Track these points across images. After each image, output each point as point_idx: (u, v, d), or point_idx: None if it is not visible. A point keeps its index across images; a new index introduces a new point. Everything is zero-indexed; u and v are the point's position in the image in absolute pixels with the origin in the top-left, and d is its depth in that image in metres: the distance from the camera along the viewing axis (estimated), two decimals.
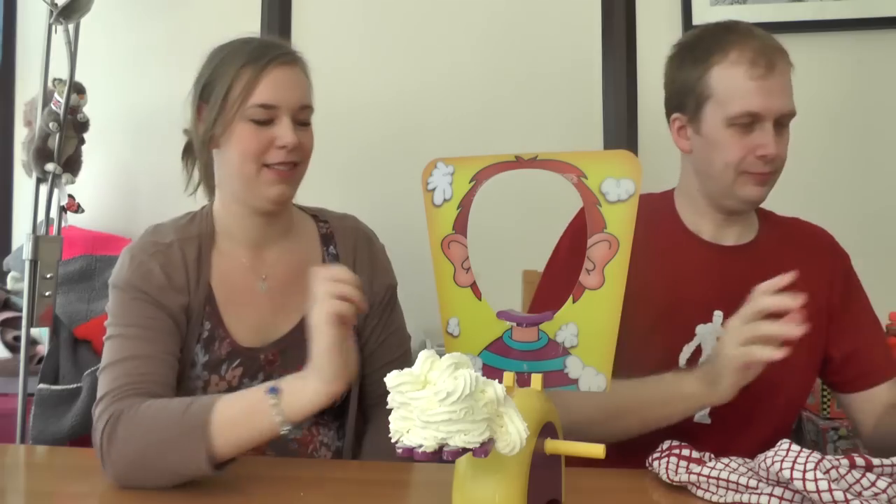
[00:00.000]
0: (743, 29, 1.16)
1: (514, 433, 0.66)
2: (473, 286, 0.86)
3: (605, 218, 0.81)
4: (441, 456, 0.63)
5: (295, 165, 1.11)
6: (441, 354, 0.67)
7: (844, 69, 1.90)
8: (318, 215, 1.25)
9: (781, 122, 1.13)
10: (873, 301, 1.62)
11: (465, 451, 0.63)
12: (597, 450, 0.73)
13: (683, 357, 1.16)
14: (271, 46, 1.12)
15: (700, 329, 1.16)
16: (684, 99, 1.18)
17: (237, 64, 1.09)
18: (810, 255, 1.21)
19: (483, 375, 0.67)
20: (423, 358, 0.66)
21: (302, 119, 1.12)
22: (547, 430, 0.76)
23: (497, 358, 0.83)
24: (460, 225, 0.87)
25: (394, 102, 2.06)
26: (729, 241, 1.22)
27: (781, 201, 1.26)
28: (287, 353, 1.14)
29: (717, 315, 1.16)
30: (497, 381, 0.67)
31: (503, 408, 0.66)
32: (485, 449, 0.64)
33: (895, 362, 1.20)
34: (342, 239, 1.23)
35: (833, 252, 1.25)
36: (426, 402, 0.63)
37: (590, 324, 0.80)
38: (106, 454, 0.95)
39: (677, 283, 1.17)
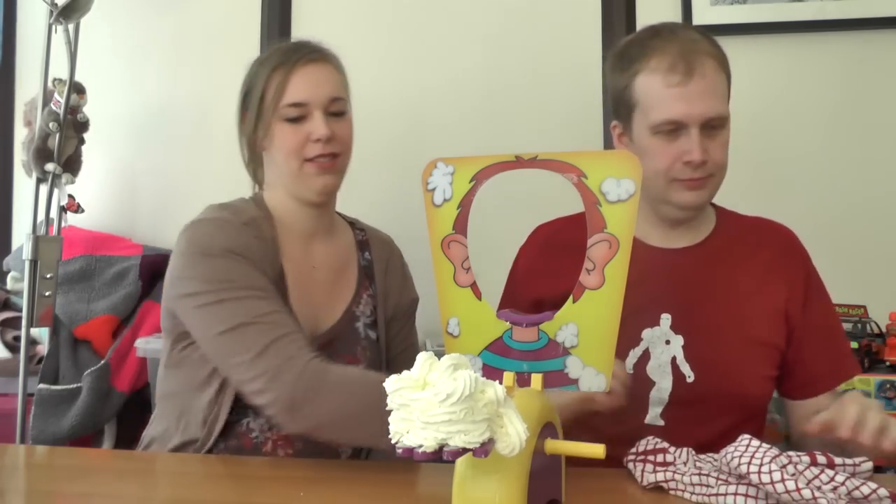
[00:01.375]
0: (667, 33, 1.15)
1: (514, 434, 0.65)
2: (473, 286, 0.86)
3: (605, 218, 0.81)
4: (441, 456, 0.63)
5: (335, 156, 1.16)
6: (441, 355, 0.67)
7: (844, 69, 1.89)
8: (355, 223, 1.32)
9: (711, 126, 1.10)
10: (873, 300, 1.62)
11: (465, 451, 0.63)
12: (597, 450, 0.73)
13: (630, 362, 1.14)
14: (299, 47, 1.18)
15: (646, 333, 1.15)
16: (618, 107, 1.18)
17: (268, 68, 1.16)
18: (767, 253, 1.19)
19: (483, 375, 0.67)
20: (422, 360, 0.66)
21: (335, 110, 1.17)
22: (547, 430, 0.76)
23: (497, 358, 0.83)
24: (460, 225, 0.86)
25: (394, 103, 2.06)
26: (680, 244, 1.20)
27: (782, 200, 1.26)
28: (334, 344, 1.17)
29: (665, 318, 1.15)
30: (497, 381, 0.67)
31: (503, 409, 0.66)
32: (485, 449, 0.64)
33: (845, 368, 1.19)
34: (376, 248, 1.30)
35: (792, 251, 1.21)
36: (426, 403, 0.63)
37: (590, 324, 0.80)
38: (305, 405, 0.98)
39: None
